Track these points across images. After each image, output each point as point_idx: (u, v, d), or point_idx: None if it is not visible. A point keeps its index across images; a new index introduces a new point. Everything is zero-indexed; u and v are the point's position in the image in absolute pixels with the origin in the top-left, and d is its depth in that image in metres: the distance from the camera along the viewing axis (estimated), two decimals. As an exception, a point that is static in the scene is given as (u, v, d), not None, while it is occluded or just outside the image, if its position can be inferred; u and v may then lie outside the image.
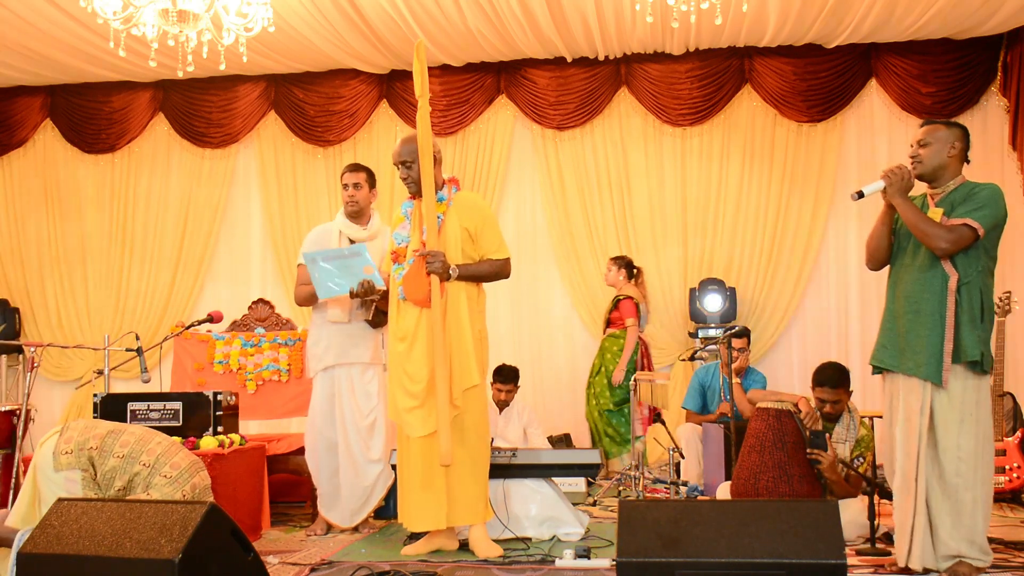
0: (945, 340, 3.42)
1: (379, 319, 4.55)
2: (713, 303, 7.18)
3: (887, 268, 3.74)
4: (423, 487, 4.02)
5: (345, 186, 4.66)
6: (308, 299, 4.56)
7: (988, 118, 7.30)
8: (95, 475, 3.41)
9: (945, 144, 3.55)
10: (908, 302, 3.52)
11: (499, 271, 4.19)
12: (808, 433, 4.36)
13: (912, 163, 3.60)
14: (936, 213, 3.51)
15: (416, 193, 4.19)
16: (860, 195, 3.60)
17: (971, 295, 3.44)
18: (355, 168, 4.72)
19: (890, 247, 3.68)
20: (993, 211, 3.45)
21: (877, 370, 3.67)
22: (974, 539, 3.40)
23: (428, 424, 3.97)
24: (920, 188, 3.68)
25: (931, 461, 3.47)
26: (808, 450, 4.25)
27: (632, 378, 5.95)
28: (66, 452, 3.41)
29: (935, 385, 3.43)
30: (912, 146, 3.62)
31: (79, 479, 3.40)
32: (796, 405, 4.41)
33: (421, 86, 4.18)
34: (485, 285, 4.27)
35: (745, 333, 6.08)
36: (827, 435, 4.29)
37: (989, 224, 3.44)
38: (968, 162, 3.63)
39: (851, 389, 4.60)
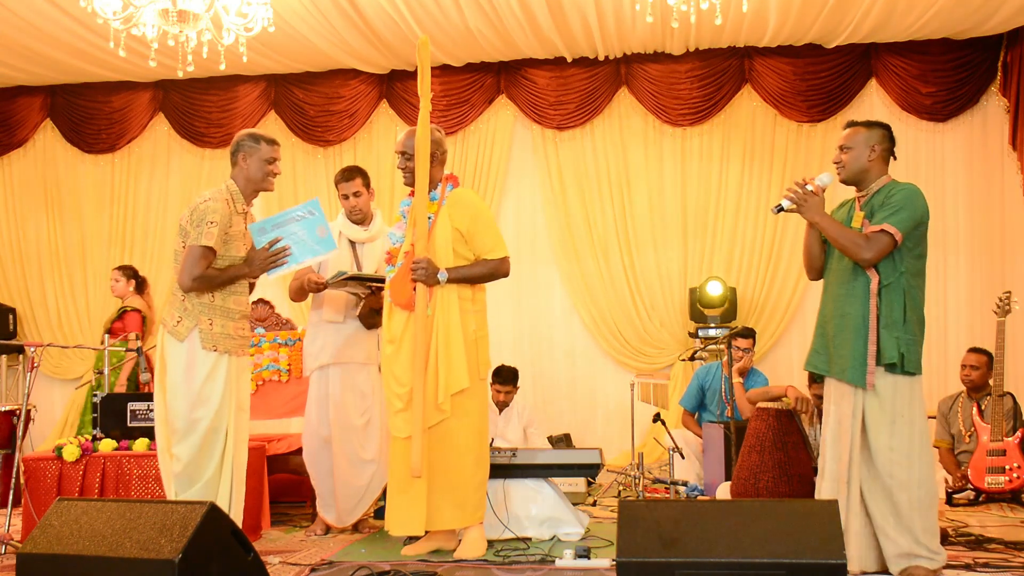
0: (868, 343, 3.43)
1: (373, 319, 4.54)
2: (714, 290, 7.15)
3: None
4: (402, 490, 3.99)
5: (345, 196, 4.59)
6: (297, 293, 4.53)
7: (988, 118, 7.30)
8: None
9: (865, 147, 3.59)
10: (835, 305, 3.55)
11: (494, 271, 4.10)
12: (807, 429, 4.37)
13: (836, 168, 3.65)
14: (859, 217, 3.55)
15: (412, 185, 4.16)
16: (780, 209, 3.62)
17: (892, 298, 3.45)
18: (350, 176, 4.60)
19: (823, 255, 3.70)
20: (911, 212, 3.46)
21: (817, 376, 3.68)
22: (918, 539, 3.39)
23: (411, 428, 3.95)
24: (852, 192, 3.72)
25: (865, 464, 3.47)
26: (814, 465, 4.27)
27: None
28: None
29: (863, 388, 3.44)
30: (837, 150, 3.66)
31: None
32: (786, 396, 4.41)
33: (423, 84, 4.12)
34: (486, 284, 4.24)
35: (751, 333, 6.07)
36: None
37: (907, 227, 3.44)
38: (895, 158, 3.66)
39: None
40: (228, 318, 3.73)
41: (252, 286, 4.03)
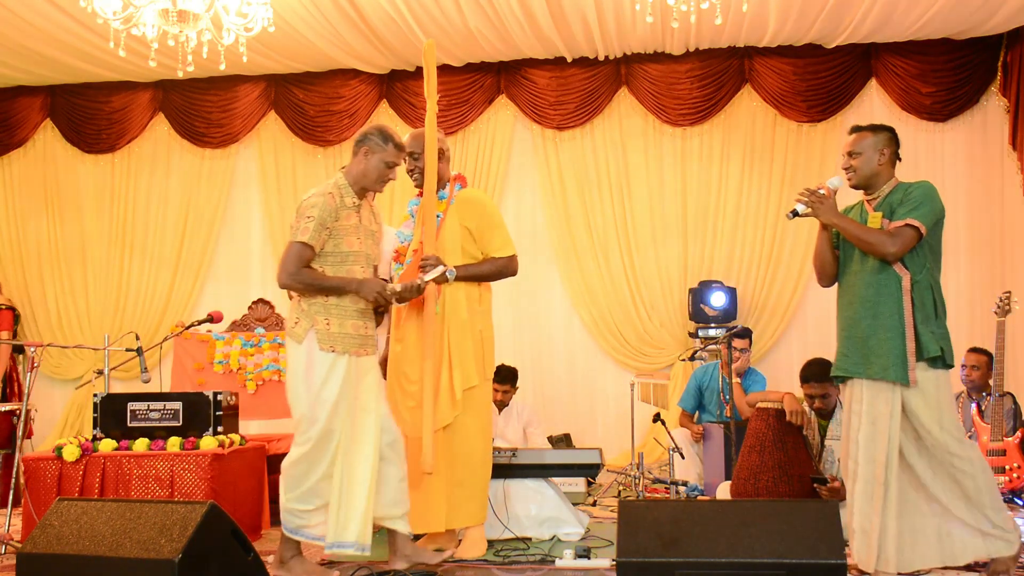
0: (907, 339, 3.45)
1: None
2: (716, 301, 7.16)
3: None
4: (415, 488, 4.00)
5: None
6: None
7: (988, 118, 7.29)
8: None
9: (874, 151, 3.61)
10: (865, 307, 3.55)
11: (502, 270, 4.13)
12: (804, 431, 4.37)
13: (847, 174, 3.67)
14: (876, 218, 3.56)
15: (422, 184, 4.16)
16: (795, 214, 3.65)
17: (923, 293, 3.50)
18: None
19: (836, 260, 3.72)
20: (931, 207, 3.50)
21: (841, 379, 3.67)
22: (991, 519, 3.42)
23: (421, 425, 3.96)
24: (856, 195, 3.74)
25: (922, 456, 3.47)
26: (815, 486, 4.26)
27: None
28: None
29: (904, 385, 3.45)
30: (843, 156, 3.68)
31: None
32: (782, 403, 4.39)
33: (430, 87, 4.14)
34: (492, 284, 4.24)
35: (747, 333, 6.08)
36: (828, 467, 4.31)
37: (930, 221, 3.49)
38: (900, 159, 3.69)
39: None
40: (346, 317, 3.65)
41: None
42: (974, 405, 5.38)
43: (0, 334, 5.95)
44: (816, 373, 4.54)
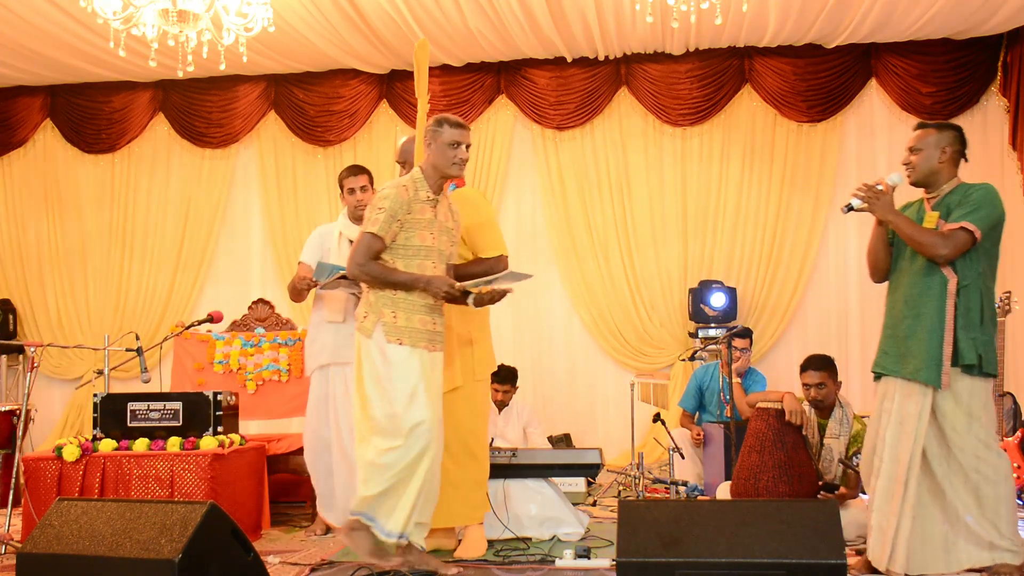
0: (944, 343, 3.41)
1: None
2: (716, 302, 7.16)
3: None
4: None
5: (351, 190, 4.61)
6: (296, 294, 4.55)
7: (988, 118, 7.30)
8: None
9: (935, 149, 3.55)
10: (908, 306, 3.52)
11: (490, 270, 4.06)
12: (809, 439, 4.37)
13: (906, 170, 3.62)
14: (932, 217, 3.51)
15: None
16: (850, 208, 3.60)
17: (969, 298, 3.45)
18: (357, 171, 4.65)
19: (890, 257, 3.68)
20: (989, 211, 3.44)
21: (878, 376, 3.65)
22: (1002, 532, 3.40)
23: None
24: (916, 193, 3.70)
25: (945, 460, 3.45)
26: (821, 494, 4.27)
27: None
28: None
29: (936, 388, 3.42)
30: (906, 152, 3.63)
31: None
32: (782, 403, 4.40)
33: (420, 86, 4.14)
34: None
35: (748, 333, 6.07)
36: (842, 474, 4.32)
37: (986, 225, 3.43)
38: (966, 160, 3.62)
39: (840, 380, 4.60)
40: (413, 311, 3.61)
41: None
42: (974, 405, 5.38)
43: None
44: (815, 362, 4.55)
